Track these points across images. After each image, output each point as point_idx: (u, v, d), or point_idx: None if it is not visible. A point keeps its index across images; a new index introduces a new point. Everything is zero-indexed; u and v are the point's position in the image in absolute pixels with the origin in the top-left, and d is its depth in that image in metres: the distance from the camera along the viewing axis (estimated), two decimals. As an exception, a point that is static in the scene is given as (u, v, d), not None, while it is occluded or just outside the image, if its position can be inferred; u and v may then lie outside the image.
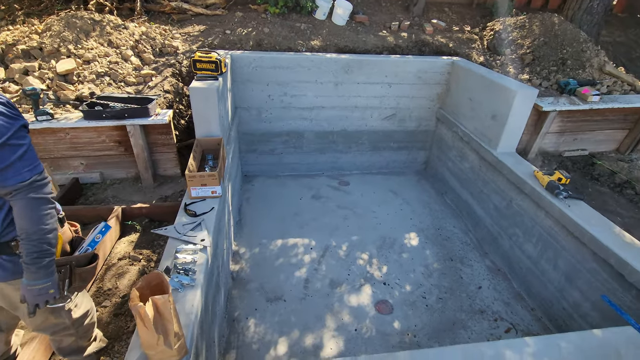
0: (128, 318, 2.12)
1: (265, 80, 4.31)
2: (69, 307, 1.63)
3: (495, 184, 3.68)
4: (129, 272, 2.42)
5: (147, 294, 1.51)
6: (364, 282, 3.34)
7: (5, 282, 1.43)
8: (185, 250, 2.12)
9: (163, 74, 3.79)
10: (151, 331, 1.41)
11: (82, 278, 1.54)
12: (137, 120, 2.96)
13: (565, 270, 2.85)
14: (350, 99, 4.61)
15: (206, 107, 2.97)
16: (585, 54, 4.46)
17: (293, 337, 2.80)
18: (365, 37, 5.16)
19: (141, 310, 1.37)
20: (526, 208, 3.25)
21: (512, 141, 3.62)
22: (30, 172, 1.28)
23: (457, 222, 4.22)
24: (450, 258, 3.69)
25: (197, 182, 2.56)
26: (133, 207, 2.85)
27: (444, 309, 3.12)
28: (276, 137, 4.75)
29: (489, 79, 3.71)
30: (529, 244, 3.24)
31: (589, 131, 4.24)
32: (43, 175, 1.34)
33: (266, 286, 3.24)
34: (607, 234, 2.55)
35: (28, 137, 1.32)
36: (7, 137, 1.22)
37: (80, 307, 1.71)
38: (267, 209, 4.26)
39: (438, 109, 4.79)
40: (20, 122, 1.29)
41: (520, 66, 4.74)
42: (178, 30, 4.65)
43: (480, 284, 3.39)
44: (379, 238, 3.90)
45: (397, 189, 4.82)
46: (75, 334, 1.70)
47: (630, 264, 2.29)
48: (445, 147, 4.72)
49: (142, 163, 3.19)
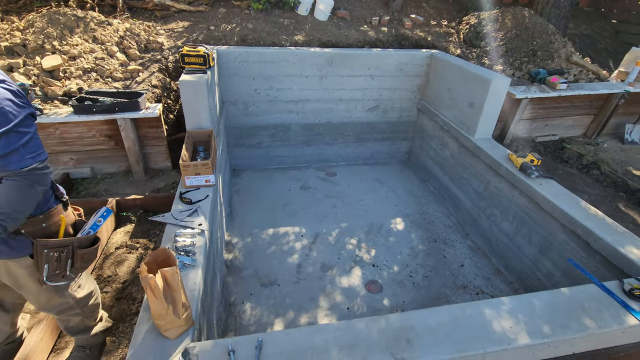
0: (130, 301, 2.20)
1: (252, 75, 4.39)
2: (72, 287, 1.71)
3: (474, 169, 3.89)
4: (128, 259, 2.49)
5: (155, 268, 1.60)
6: (353, 264, 3.50)
7: (11, 260, 1.49)
8: (184, 234, 2.21)
9: (150, 70, 3.83)
10: (161, 301, 1.51)
11: (85, 259, 1.61)
12: (128, 113, 3.01)
13: (539, 244, 3.09)
14: (335, 92, 4.74)
15: (196, 100, 3.05)
16: (553, 45, 4.74)
17: (288, 317, 2.93)
18: (347, 32, 5.31)
19: (151, 281, 1.47)
20: (502, 189, 3.48)
21: (489, 127, 3.84)
22: (32, 159, 1.33)
23: (439, 207, 4.43)
24: (434, 240, 3.89)
25: (191, 171, 2.64)
26: (127, 198, 2.90)
27: (430, 286, 3.31)
28: (263, 130, 4.84)
29: (465, 70, 3.92)
30: (506, 222, 3.47)
31: (558, 117, 4.52)
32: (45, 164, 1.40)
33: (260, 272, 3.35)
34: (574, 207, 2.78)
35: (34, 126, 1.39)
36: (15, 124, 1.29)
37: (84, 287, 1.78)
38: (256, 201, 4.35)
39: (419, 99, 4.99)
40: (27, 110, 1.36)
41: (494, 57, 4.99)
42: (162, 27, 4.67)
43: (463, 262, 3.60)
44: (366, 224, 4.06)
45: (383, 178, 5.00)
46: (81, 313, 1.78)
47: (595, 232, 2.52)
48: (426, 137, 4.93)
49: (134, 156, 3.23)
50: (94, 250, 1.65)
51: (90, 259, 1.66)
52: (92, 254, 1.64)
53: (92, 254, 1.64)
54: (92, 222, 1.80)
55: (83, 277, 1.78)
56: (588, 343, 1.85)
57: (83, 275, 1.78)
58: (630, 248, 2.37)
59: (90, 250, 1.62)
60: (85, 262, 1.63)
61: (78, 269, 1.61)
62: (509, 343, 1.70)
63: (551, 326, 1.79)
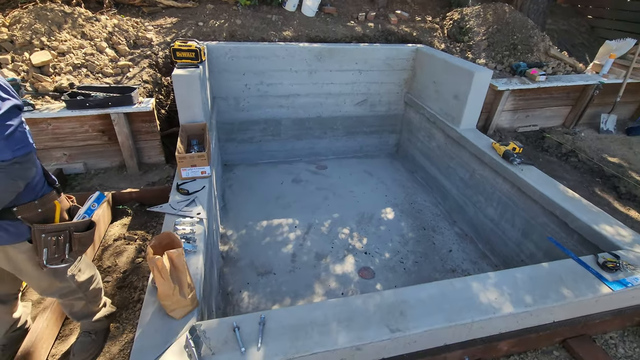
0: (131, 290, 2.26)
1: (242, 70, 4.44)
2: (73, 272, 1.75)
3: (460, 158, 4.05)
4: (127, 250, 2.53)
5: (160, 251, 1.67)
6: (346, 253, 3.61)
7: (10, 245, 1.52)
8: (184, 223, 2.28)
9: (140, 65, 3.85)
10: (168, 282, 1.58)
11: (82, 243, 1.65)
12: (121, 108, 3.03)
13: (522, 227, 3.25)
14: (324, 86, 4.83)
15: (189, 94, 3.10)
16: (532, 40, 4.94)
17: (285, 303, 3.02)
18: (334, 28, 5.40)
19: (159, 262, 1.54)
20: (487, 176, 3.64)
21: (473, 118, 4.00)
22: (13, 152, 1.29)
23: (427, 197, 4.58)
24: (423, 227, 4.03)
25: (187, 163, 2.70)
26: (123, 192, 2.94)
27: (420, 270, 3.44)
28: (254, 125, 4.90)
29: (450, 63, 4.06)
30: (491, 208, 3.63)
31: (538, 108, 4.72)
32: (28, 158, 1.37)
33: (256, 262, 3.43)
34: (553, 191, 2.95)
35: (19, 118, 1.34)
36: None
37: (85, 272, 1.82)
38: (249, 195, 4.42)
39: (406, 93, 5.12)
40: (12, 102, 1.32)
41: (477, 51, 5.16)
42: (150, 23, 4.67)
43: (451, 248, 3.75)
44: (357, 214, 4.18)
45: (372, 170, 5.13)
46: (84, 297, 1.82)
47: (572, 213, 2.69)
48: (414, 129, 5.07)
49: (127, 151, 3.26)
50: (90, 234, 1.69)
51: (88, 243, 1.70)
52: (89, 238, 1.69)
53: (89, 238, 1.69)
54: (87, 206, 1.84)
55: (82, 262, 1.82)
56: (566, 311, 2.00)
57: (82, 260, 1.82)
58: (604, 226, 2.55)
59: (87, 234, 1.66)
60: (83, 246, 1.67)
61: (76, 252, 1.65)
62: (494, 312, 1.83)
63: (532, 296, 1.94)
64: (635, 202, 3.58)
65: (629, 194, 3.65)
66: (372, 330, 1.69)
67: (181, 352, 1.54)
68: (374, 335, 1.67)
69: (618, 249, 2.34)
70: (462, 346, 1.85)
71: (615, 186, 3.79)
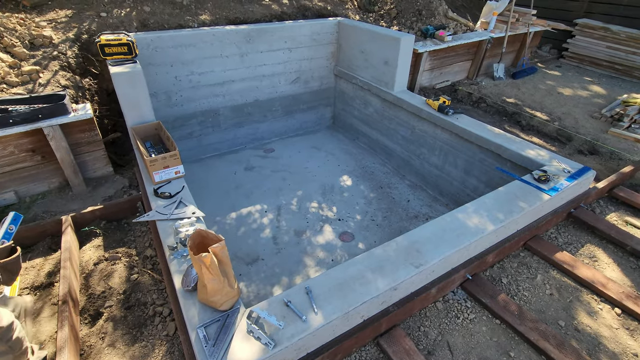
0: (142, 307, 2.12)
1: (169, 62, 4.12)
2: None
3: (398, 119, 4.49)
4: (116, 271, 2.32)
5: (195, 251, 1.64)
6: (322, 223, 3.80)
7: None
8: (184, 225, 2.18)
9: (50, 69, 3.30)
10: (217, 277, 1.58)
11: (8, 270, 1.55)
12: (56, 119, 2.63)
13: (463, 167, 3.84)
14: (257, 69, 4.77)
15: (135, 93, 2.83)
16: (432, 5, 5.56)
17: (284, 283, 3.12)
18: (251, 7, 5.27)
19: (206, 260, 1.52)
20: (426, 130, 4.14)
21: (404, 81, 4.43)
22: None
23: (374, 159, 4.99)
24: (380, 187, 4.43)
25: (160, 165, 2.53)
26: (84, 212, 2.61)
27: (390, 223, 3.84)
28: (191, 119, 4.63)
29: (377, 32, 4.38)
30: (434, 157, 4.17)
31: (449, 65, 5.42)
32: None
33: (239, 253, 3.41)
34: (484, 131, 3.54)
35: None
36: None
37: (3, 318, 1.57)
38: (205, 191, 4.25)
39: (334, 66, 5.35)
40: None
41: (388, 20, 5.61)
42: (40, 18, 3.96)
43: (408, 198, 4.23)
44: (319, 187, 4.37)
45: (318, 145, 5.32)
46: (9, 350, 1.58)
47: (503, 145, 3.29)
48: (348, 99, 5.37)
49: (70, 167, 2.86)
50: (16, 260, 1.59)
51: (15, 270, 1.60)
52: (15, 264, 1.59)
53: (15, 264, 1.59)
54: (3, 231, 1.71)
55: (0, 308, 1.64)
56: (525, 219, 2.54)
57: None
58: (528, 151, 3.19)
59: (12, 259, 1.56)
60: (10, 274, 1.57)
61: (5, 280, 1.55)
62: (482, 232, 2.24)
63: (503, 213, 2.41)
64: (534, 131, 4.48)
65: (529, 125, 4.54)
66: (402, 271, 1.94)
67: (246, 338, 1.58)
68: (405, 274, 1.93)
69: (542, 166, 2.99)
70: (464, 266, 2.23)
71: (517, 121, 4.66)
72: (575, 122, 4.54)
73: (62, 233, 2.39)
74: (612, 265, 2.52)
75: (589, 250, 2.65)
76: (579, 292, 2.33)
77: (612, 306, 2.24)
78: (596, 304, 2.26)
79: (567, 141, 4.21)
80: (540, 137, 4.35)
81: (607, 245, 2.69)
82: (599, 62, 6.28)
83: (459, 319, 2.11)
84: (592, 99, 5.22)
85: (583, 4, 6.74)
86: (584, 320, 2.15)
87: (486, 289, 2.23)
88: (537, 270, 2.46)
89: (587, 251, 2.64)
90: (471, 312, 2.15)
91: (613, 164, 3.73)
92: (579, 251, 2.64)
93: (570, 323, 2.14)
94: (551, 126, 4.37)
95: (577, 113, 4.78)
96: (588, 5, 6.72)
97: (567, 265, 2.43)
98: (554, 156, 3.11)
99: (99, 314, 2.08)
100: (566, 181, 2.75)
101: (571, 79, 5.99)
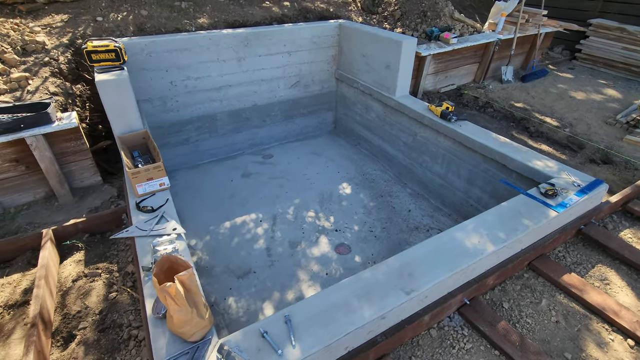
0: (116, 329, 2.01)
1: (164, 66, 4.03)
2: None
3: (400, 124, 4.32)
4: (94, 288, 2.22)
5: (163, 278, 1.52)
6: (318, 234, 3.66)
7: None
8: (163, 242, 2.07)
9: (40, 75, 3.24)
10: (185, 307, 1.45)
11: None
12: (39, 129, 2.55)
13: (467, 177, 3.66)
14: (255, 73, 4.66)
15: (121, 101, 2.73)
16: (438, 5, 5.38)
17: (275, 298, 2.99)
18: (251, 10, 5.17)
19: (171, 290, 1.40)
20: (428, 137, 3.96)
21: (406, 85, 4.27)
22: None
23: (376, 165, 4.83)
24: (380, 195, 4.27)
25: (143, 177, 2.42)
26: (66, 225, 2.52)
27: (389, 235, 3.67)
28: (187, 124, 4.54)
29: (378, 35, 4.22)
30: (437, 165, 3.99)
31: (454, 68, 5.23)
32: None
33: (231, 266, 3.29)
34: (489, 139, 3.35)
35: None
36: None
37: None
38: (200, 199, 4.15)
39: (336, 69, 5.21)
40: None
41: (392, 22, 5.44)
42: (35, 23, 3.92)
43: (409, 208, 4.06)
44: (317, 195, 4.23)
45: (318, 150, 5.19)
46: None
47: (508, 155, 3.10)
48: (349, 104, 5.22)
49: (55, 178, 2.78)
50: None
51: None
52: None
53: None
54: None
55: None
56: (530, 238, 2.36)
57: None
58: (535, 162, 3.00)
59: None
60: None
61: None
62: (482, 253, 2.07)
63: (505, 232, 2.23)
64: (543, 138, 4.27)
65: (537, 131, 4.33)
66: (391, 297, 1.79)
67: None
68: (394, 301, 1.78)
69: (550, 179, 2.79)
70: (461, 290, 2.07)
71: (526, 127, 4.44)
72: (587, 128, 4.31)
73: (41, 248, 2.31)
74: (625, 290, 2.32)
75: (600, 272, 2.45)
76: (588, 319, 2.14)
77: (624, 337, 2.05)
78: (607, 334, 2.07)
79: (579, 149, 3.99)
80: (549, 145, 4.13)
81: (621, 267, 2.49)
82: (614, 63, 6.00)
83: (455, 348, 1.95)
84: (606, 104, 4.97)
85: (598, 4, 6.45)
86: (593, 353, 1.97)
87: (485, 315, 2.06)
88: (542, 294, 2.28)
89: (598, 273, 2.45)
90: (468, 341, 1.98)
91: (628, 175, 3.50)
92: (589, 272, 2.45)
93: (578, 355, 1.96)
94: (561, 133, 4.15)
95: (590, 119, 4.54)
96: (603, 5, 6.44)
97: (575, 289, 2.24)
98: (563, 168, 2.91)
99: (72, 336, 1.98)
100: (576, 196, 2.56)
101: (584, 82, 5.73)
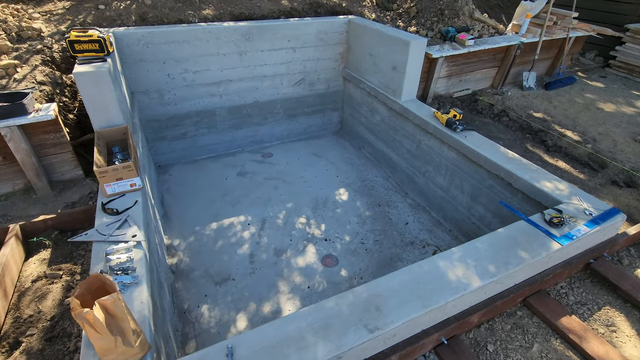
0: (64, 339, 1.90)
1: (161, 58, 3.92)
2: None
3: (404, 130, 4.05)
4: (51, 291, 2.13)
5: (89, 299, 1.37)
6: (306, 243, 3.48)
7: None
8: (118, 250, 1.94)
9: (30, 63, 3.18)
10: (106, 335, 1.31)
11: None
12: (13, 120, 2.47)
13: (470, 192, 3.37)
14: (257, 68, 4.49)
15: (100, 94, 2.62)
16: (457, 4, 5.02)
17: (250, 310, 2.84)
18: (259, 3, 4.98)
19: (89, 317, 1.25)
20: (433, 146, 3.69)
21: (413, 89, 3.99)
22: None
23: (377, 172, 4.58)
24: (378, 204, 4.03)
25: (111, 177, 2.30)
26: (35, 221, 2.45)
27: (381, 248, 3.45)
28: (185, 119, 4.43)
29: (385, 34, 3.96)
30: (440, 176, 3.71)
31: (470, 72, 4.88)
32: None
33: (211, 271, 3.16)
34: (495, 153, 3.06)
35: None
36: None
37: None
38: (192, 196, 4.04)
39: (343, 68, 4.97)
40: None
41: (407, 19, 5.13)
42: (36, 9, 3.88)
43: (407, 220, 3.81)
44: (312, 200, 4.04)
45: (319, 152, 4.98)
46: None
47: (515, 173, 2.81)
48: (356, 105, 4.98)
49: (32, 170, 2.71)
50: None
51: None
52: None
53: None
54: None
55: None
56: (525, 273, 2.09)
57: None
58: (544, 182, 2.70)
59: None
60: None
61: None
62: (465, 289, 1.83)
63: (496, 265, 1.98)
64: (561, 153, 3.90)
65: (555, 145, 3.96)
66: (351, 335, 1.59)
67: (138, 412, 1.30)
68: (353, 339, 1.58)
69: (559, 203, 2.49)
70: (438, 328, 1.84)
71: (543, 140, 4.08)
72: (613, 145, 3.91)
73: (4, 244, 2.23)
74: (634, 340, 2.02)
75: (607, 316, 2.15)
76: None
77: (627, 398, 1.77)
78: (606, 393, 1.79)
79: (600, 168, 3.61)
80: (567, 162, 3.77)
81: (632, 311, 2.18)
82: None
83: (424, 395, 1.73)
84: (637, 118, 4.51)
85: (637, 8, 5.89)
86: (586, 414, 1.71)
87: (464, 358, 1.83)
88: (534, 337, 2.01)
89: (604, 316, 2.15)
90: (440, 388, 1.76)
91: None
92: (594, 315, 2.16)
93: (568, 416, 1.70)
94: (582, 149, 3.78)
95: (617, 134, 4.12)
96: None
97: (574, 334, 1.97)
98: (575, 192, 2.60)
99: (18, 343, 1.89)
100: (585, 227, 2.26)
101: (616, 92, 5.25)
